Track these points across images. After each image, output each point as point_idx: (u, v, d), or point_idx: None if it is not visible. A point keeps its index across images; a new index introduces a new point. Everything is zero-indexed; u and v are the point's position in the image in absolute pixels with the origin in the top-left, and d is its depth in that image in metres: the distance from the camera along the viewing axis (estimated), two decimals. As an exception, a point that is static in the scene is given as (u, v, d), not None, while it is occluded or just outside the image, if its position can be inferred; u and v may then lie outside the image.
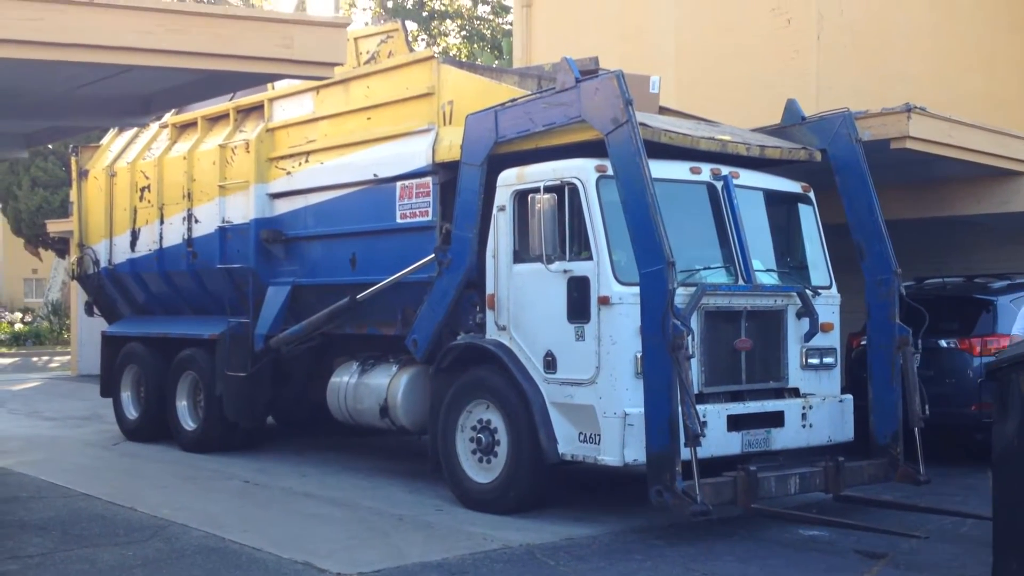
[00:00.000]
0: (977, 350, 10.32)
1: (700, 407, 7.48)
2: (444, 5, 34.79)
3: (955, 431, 10.66)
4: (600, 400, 7.74)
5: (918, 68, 13.77)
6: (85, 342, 21.62)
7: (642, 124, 7.83)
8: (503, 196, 8.59)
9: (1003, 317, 10.52)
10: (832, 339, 8.83)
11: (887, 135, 9.94)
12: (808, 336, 8.57)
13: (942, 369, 10.37)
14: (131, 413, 12.87)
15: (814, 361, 8.65)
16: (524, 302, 8.36)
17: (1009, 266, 12.45)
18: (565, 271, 8.02)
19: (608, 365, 7.71)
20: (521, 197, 8.41)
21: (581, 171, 8.08)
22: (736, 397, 8.22)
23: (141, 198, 12.72)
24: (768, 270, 8.65)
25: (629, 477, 8.60)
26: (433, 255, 9.04)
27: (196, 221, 11.85)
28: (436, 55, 9.78)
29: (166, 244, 12.27)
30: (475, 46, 33.06)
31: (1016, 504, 5.23)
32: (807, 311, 8.52)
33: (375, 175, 9.86)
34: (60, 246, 28.62)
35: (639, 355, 7.54)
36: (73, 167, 14.22)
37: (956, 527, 7.98)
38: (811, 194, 9.17)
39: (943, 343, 10.42)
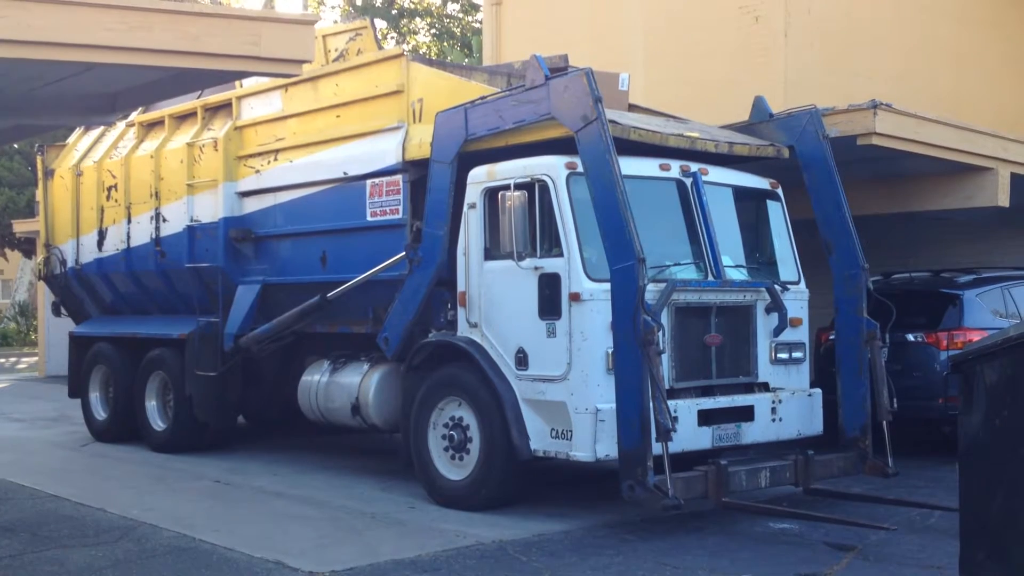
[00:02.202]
0: (944, 344, 10.44)
1: (671, 402, 7.51)
2: (413, 3, 34.74)
3: (923, 424, 10.78)
4: (572, 396, 7.76)
5: (885, 65, 13.90)
6: (53, 343, 21.41)
7: (611, 121, 7.85)
8: (473, 194, 8.59)
9: (969, 311, 10.66)
10: (801, 334, 8.90)
11: (853, 131, 10.01)
12: (777, 331, 8.63)
13: (909, 363, 10.48)
14: (100, 414, 12.77)
15: (783, 356, 8.72)
16: (495, 299, 8.37)
17: (975, 261, 12.60)
18: (536, 268, 8.03)
19: (579, 361, 7.73)
20: (491, 194, 8.41)
21: (551, 168, 8.09)
22: (706, 392, 8.26)
23: (108, 197, 12.62)
24: (737, 266, 8.70)
25: (601, 473, 8.62)
26: (404, 253, 9.03)
27: (164, 220, 11.78)
28: (405, 53, 9.76)
29: (134, 243, 12.18)
30: (445, 44, 33.01)
31: (982, 495, 5.29)
32: (776, 306, 8.59)
33: (345, 173, 9.83)
34: (26, 246, 28.35)
35: (610, 351, 7.57)
36: (39, 166, 14.09)
37: (924, 519, 8.07)
38: (779, 190, 9.23)
39: (910, 337, 10.54)
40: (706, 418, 8.06)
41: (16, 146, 28.15)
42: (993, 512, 5.17)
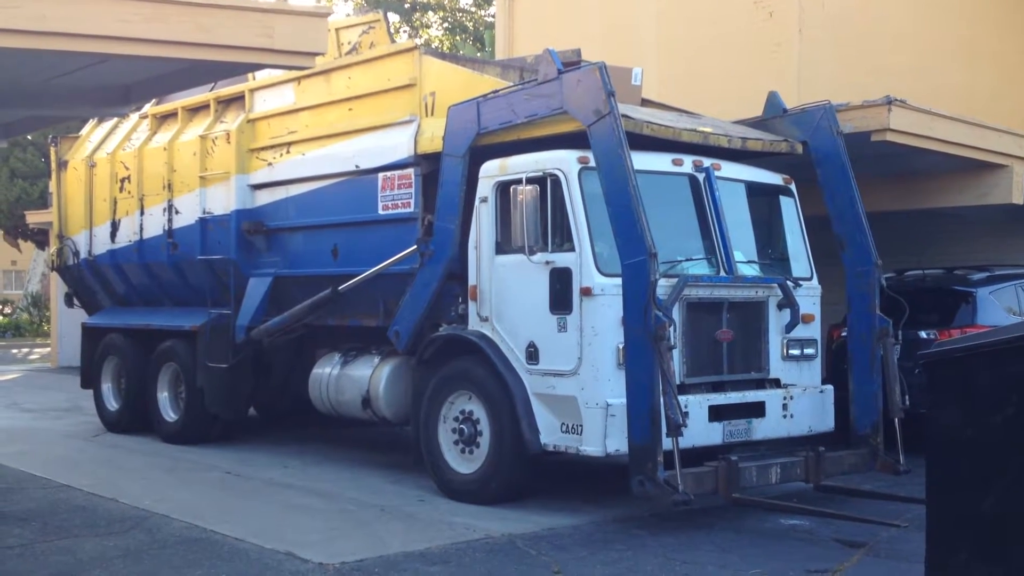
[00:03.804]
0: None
1: (682, 397, 7.50)
2: (426, -4, 34.71)
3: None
4: (582, 391, 7.75)
5: (899, 61, 13.84)
6: (65, 334, 21.51)
7: (624, 116, 7.83)
8: (485, 187, 8.58)
9: (982, 309, 10.61)
10: (813, 330, 8.87)
11: (868, 127, 9.98)
12: (789, 327, 8.60)
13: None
14: (111, 405, 12.82)
15: (795, 352, 8.69)
16: (506, 293, 8.36)
17: (988, 258, 12.53)
18: (547, 262, 8.02)
19: (590, 356, 7.72)
20: (503, 188, 8.40)
21: (563, 162, 8.08)
22: (717, 388, 8.24)
23: (121, 189, 12.65)
24: (750, 261, 8.68)
25: (611, 467, 8.62)
26: (415, 246, 9.04)
27: (176, 212, 11.80)
28: (418, 46, 9.75)
29: (146, 235, 12.21)
30: (457, 38, 33.01)
31: (967, 494, 5.21)
32: (788, 302, 8.56)
33: (357, 166, 9.83)
34: (40, 237, 28.47)
35: (621, 346, 7.56)
36: (52, 157, 14.14)
37: (935, 516, 8.02)
38: (792, 186, 9.20)
39: (923, 334, 10.48)
40: (717, 414, 8.05)
41: (29, 137, 28.23)
42: (984, 511, 5.10)
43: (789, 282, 8.64)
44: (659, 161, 8.34)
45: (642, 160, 7.86)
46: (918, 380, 9.55)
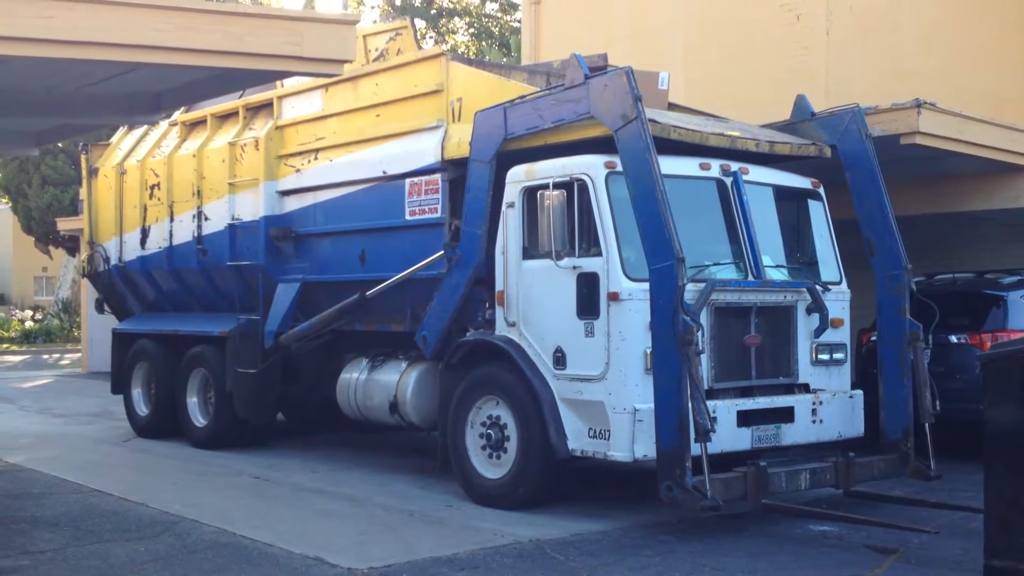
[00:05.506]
0: (988, 346, 10.29)
1: (710, 403, 7.47)
2: (452, 3, 34.84)
3: (965, 427, 10.63)
4: (610, 396, 7.74)
5: (927, 64, 13.74)
6: (96, 339, 21.69)
7: (651, 120, 7.82)
8: (512, 193, 8.60)
9: (1014, 312, 10.51)
10: (842, 335, 8.82)
11: (897, 131, 9.92)
12: (818, 332, 8.56)
13: (952, 365, 10.35)
14: (142, 410, 12.91)
15: (824, 357, 8.65)
16: (533, 298, 8.37)
17: (1019, 261, 12.41)
18: (574, 267, 8.02)
19: (618, 361, 7.71)
20: (530, 193, 8.41)
21: (590, 167, 8.08)
22: (746, 393, 8.21)
23: (151, 196, 12.76)
24: (778, 266, 8.64)
25: (639, 473, 8.60)
26: (442, 252, 9.06)
27: (206, 219, 11.89)
28: (445, 52, 9.78)
29: (176, 242, 12.30)
30: (483, 43, 33.07)
31: (1016, 486, 5.21)
32: (817, 307, 8.52)
33: (384, 172, 9.87)
34: (70, 244, 28.73)
35: (649, 351, 7.54)
36: (83, 165, 14.29)
37: (967, 522, 7.95)
38: (821, 190, 9.16)
39: (953, 339, 10.41)
40: (745, 419, 8.01)
41: (60, 145, 28.53)
42: None
43: (818, 286, 8.59)
44: (686, 165, 8.33)
45: (669, 164, 7.85)
46: (948, 385, 9.51)
